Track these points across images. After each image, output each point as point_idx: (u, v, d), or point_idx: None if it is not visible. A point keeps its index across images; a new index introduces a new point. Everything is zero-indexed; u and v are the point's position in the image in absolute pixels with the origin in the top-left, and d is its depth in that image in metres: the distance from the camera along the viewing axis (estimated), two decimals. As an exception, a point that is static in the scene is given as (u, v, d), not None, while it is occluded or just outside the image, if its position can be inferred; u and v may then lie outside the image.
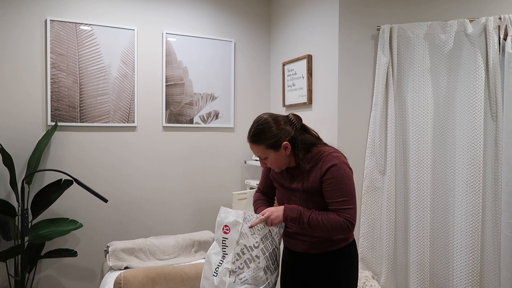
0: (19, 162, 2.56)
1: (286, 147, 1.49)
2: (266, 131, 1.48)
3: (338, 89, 2.57)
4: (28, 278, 2.57)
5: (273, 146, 1.48)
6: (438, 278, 2.42)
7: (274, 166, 1.55)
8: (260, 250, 1.48)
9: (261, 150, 1.50)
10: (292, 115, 1.56)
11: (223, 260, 1.49)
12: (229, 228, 1.49)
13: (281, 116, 1.54)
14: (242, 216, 1.48)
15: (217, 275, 1.47)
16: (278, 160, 1.51)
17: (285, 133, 1.49)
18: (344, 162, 1.51)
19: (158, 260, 2.54)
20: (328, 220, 1.43)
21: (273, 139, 1.47)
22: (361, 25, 2.56)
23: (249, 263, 1.47)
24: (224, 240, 1.50)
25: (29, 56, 2.60)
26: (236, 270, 1.46)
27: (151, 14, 2.96)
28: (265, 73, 3.45)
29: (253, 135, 1.50)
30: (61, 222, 2.59)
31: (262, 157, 1.52)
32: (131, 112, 2.90)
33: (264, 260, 1.49)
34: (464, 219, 2.26)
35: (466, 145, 2.28)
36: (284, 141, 1.48)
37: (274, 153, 1.49)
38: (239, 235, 1.47)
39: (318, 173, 1.48)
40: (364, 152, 2.55)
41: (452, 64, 2.38)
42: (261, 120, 1.51)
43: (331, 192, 1.46)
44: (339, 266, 1.54)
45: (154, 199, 3.02)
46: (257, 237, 1.48)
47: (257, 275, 1.47)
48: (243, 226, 1.48)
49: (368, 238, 2.53)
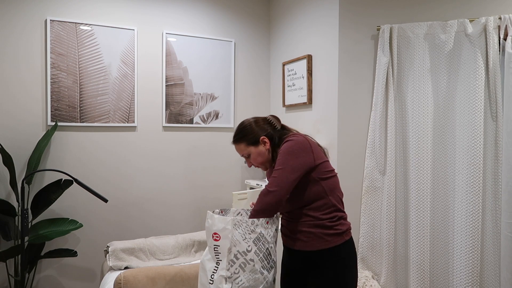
0: (19, 162, 2.56)
1: (264, 142, 1.63)
2: (245, 130, 1.66)
3: (338, 89, 2.57)
4: (28, 278, 2.57)
5: (251, 142, 1.64)
6: (438, 278, 2.42)
7: (258, 162, 1.66)
8: (253, 253, 1.46)
9: (243, 148, 1.66)
10: (271, 116, 1.71)
11: (218, 266, 1.47)
12: (219, 235, 1.47)
13: (261, 118, 1.71)
14: (231, 223, 1.46)
15: (213, 283, 1.46)
16: (259, 155, 1.64)
17: (263, 130, 1.65)
18: (298, 139, 1.54)
19: (158, 260, 2.54)
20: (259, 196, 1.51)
21: (251, 135, 1.64)
22: (361, 25, 2.56)
23: (244, 267, 1.45)
24: (216, 248, 1.48)
25: (29, 56, 2.60)
26: (232, 276, 1.45)
27: (151, 14, 2.96)
28: (265, 73, 3.45)
29: (235, 135, 1.69)
30: (61, 222, 2.59)
31: (245, 155, 1.67)
32: (131, 112, 2.90)
33: (259, 261, 1.48)
34: (464, 219, 2.26)
35: (466, 145, 2.28)
36: (262, 136, 1.63)
37: (255, 148, 1.64)
38: (230, 243, 1.45)
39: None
40: (364, 152, 2.55)
41: (452, 64, 2.38)
42: (243, 122, 1.70)
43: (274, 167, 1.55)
44: (335, 263, 1.53)
45: (154, 199, 3.02)
46: (249, 241, 1.46)
47: (254, 277, 1.47)
48: (233, 232, 1.45)
49: (368, 238, 2.53)
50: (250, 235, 1.47)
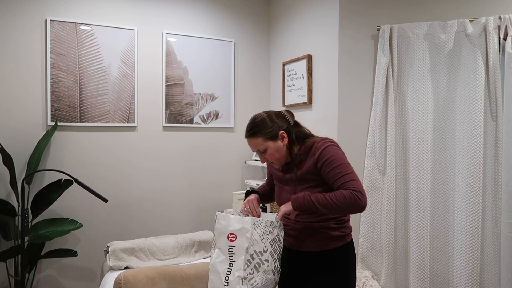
0: (19, 162, 2.56)
1: (283, 137, 1.55)
2: (262, 124, 1.55)
3: (338, 89, 2.57)
4: (28, 278, 2.57)
5: (270, 136, 1.54)
6: (438, 278, 2.42)
7: (274, 158, 1.57)
8: (269, 253, 1.46)
9: (260, 142, 1.55)
10: (285, 111, 1.63)
11: (231, 267, 1.46)
12: (236, 235, 1.46)
13: (275, 112, 1.62)
14: (251, 223, 1.46)
15: (228, 285, 1.45)
16: (277, 151, 1.55)
17: (280, 125, 1.56)
18: (336, 145, 1.54)
19: (158, 260, 2.54)
20: (336, 196, 1.41)
21: (269, 129, 1.54)
22: (361, 25, 2.56)
23: (258, 267, 1.45)
24: (231, 248, 1.46)
25: (29, 56, 2.60)
26: (248, 276, 1.44)
27: (151, 14, 2.96)
28: (265, 73, 3.45)
29: (251, 129, 1.57)
30: (61, 222, 2.59)
31: (261, 150, 1.56)
32: (131, 112, 2.90)
33: (273, 262, 1.48)
34: (464, 219, 2.26)
35: (466, 145, 2.28)
36: (280, 131, 1.54)
37: (273, 143, 1.54)
38: (248, 242, 1.44)
39: (311, 160, 1.51)
40: (364, 152, 2.55)
41: (452, 64, 2.38)
42: (257, 116, 1.60)
43: (331, 172, 1.46)
44: (335, 265, 1.54)
45: (154, 199, 3.02)
46: (266, 241, 1.46)
47: (267, 277, 1.47)
48: (252, 232, 1.45)
49: (368, 238, 2.53)
50: (268, 236, 1.47)
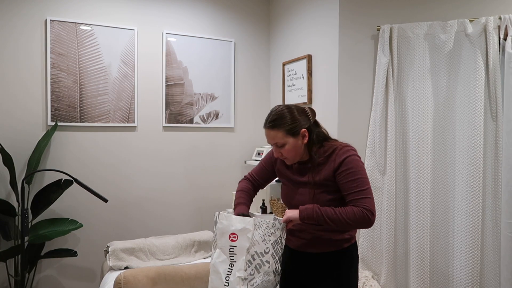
0: (19, 162, 2.56)
1: (304, 135, 1.49)
2: (284, 117, 1.48)
3: (338, 89, 2.57)
4: (28, 278, 2.57)
5: (292, 132, 1.47)
6: (438, 278, 2.42)
7: (290, 155, 1.51)
8: (270, 255, 1.46)
9: (280, 136, 1.48)
10: (308, 108, 1.56)
11: (232, 268, 1.46)
12: (237, 235, 1.45)
13: (298, 107, 1.54)
14: (253, 223, 1.45)
15: (228, 285, 1.44)
16: (295, 148, 1.49)
17: (303, 121, 1.49)
18: (357, 155, 1.51)
19: (158, 260, 2.54)
20: (346, 212, 1.40)
21: (292, 124, 1.47)
22: (361, 25, 2.56)
23: (259, 268, 1.44)
24: (232, 248, 1.46)
25: (29, 56, 2.60)
26: (248, 277, 1.44)
27: (151, 14, 2.96)
28: (265, 73, 3.45)
29: (272, 120, 1.49)
30: (61, 222, 2.59)
31: (279, 144, 1.49)
32: (131, 112, 2.90)
33: (274, 263, 1.47)
34: (464, 219, 2.26)
35: (466, 145, 2.28)
36: (303, 129, 1.48)
37: (293, 139, 1.48)
38: (250, 243, 1.43)
39: (331, 166, 1.47)
40: (364, 152, 2.55)
41: (452, 64, 2.38)
42: (279, 108, 1.52)
43: (347, 184, 1.44)
44: (339, 267, 1.54)
45: (154, 199, 3.02)
46: (268, 242, 1.45)
47: (267, 279, 1.46)
48: (254, 233, 1.44)
49: (368, 238, 2.53)
50: (270, 237, 1.46)
